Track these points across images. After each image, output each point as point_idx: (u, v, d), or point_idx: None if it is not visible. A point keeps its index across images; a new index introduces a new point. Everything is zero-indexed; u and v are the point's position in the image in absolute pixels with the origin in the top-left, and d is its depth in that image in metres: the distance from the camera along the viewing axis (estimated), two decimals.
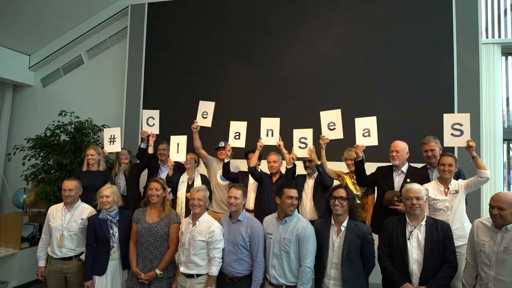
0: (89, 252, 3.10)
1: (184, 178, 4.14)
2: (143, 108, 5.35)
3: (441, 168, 3.12)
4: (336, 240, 2.72)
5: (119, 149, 4.28)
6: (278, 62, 5.05)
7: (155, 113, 4.31)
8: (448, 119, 3.32)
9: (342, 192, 2.74)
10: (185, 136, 4.05)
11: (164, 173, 4.23)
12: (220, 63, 5.27)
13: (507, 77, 4.90)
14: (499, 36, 4.87)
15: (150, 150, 4.24)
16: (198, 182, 4.07)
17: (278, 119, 3.82)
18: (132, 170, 4.34)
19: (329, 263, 2.71)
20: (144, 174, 4.47)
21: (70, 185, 3.28)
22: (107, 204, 3.12)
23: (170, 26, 5.51)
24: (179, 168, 4.34)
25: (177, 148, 4.04)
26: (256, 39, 5.16)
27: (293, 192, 2.84)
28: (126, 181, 4.27)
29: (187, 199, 3.78)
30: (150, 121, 4.29)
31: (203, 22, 5.40)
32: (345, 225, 2.72)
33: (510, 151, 4.84)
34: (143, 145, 4.30)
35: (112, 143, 4.23)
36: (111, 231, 3.12)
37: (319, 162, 3.60)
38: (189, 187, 4.03)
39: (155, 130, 4.28)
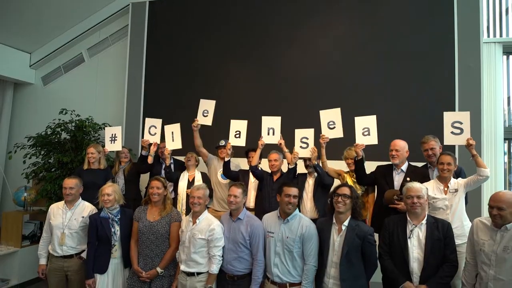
0: (91, 250, 3.11)
1: (184, 175, 4.15)
2: (144, 109, 5.39)
3: (440, 167, 3.12)
4: (336, 239, 2.72)
5: (119, 148, 4.27)
6: (278, 62, 5.04)
7: (158, 122, 4.22)
8: (448, 117, 3.31)
9: (346, 190, 2.74)
10: (178, 124, 4.06)
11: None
12: (220, 61, 5.27)
13: (508, 76, 4.89)
14: (501, 35, 4.86)
15: (150, 160, 4.17)
16: (198, 179, 4.09)
17: (279, 117, 3.82)
18: (132, 170, 4.33)
19: (329, 262, 2.71)
20: (145, 174, 4.46)
21: (71, 183, 3.28)
22: (108, 202, 3.13)
23: (171, 25, 5.51)
24: (179, 167, 4.35)
25: (172, 137, 4.04)
26: (257, 38, 5.16)
27: (292, 191, 2.84)
28: (125, 180, 4.27)
29: (187, 196, 3.79)
30: (152, 130, 4.22)
31: (204, 21, 5.40)
32: (346, 224, 2.71)
33: (511, 151, 4.84)
34: (144, 153, 4.27)
35: (113, 141, 4.23)
36: (113, 230, 3.13)
37: (315, 163, 3.60)
38: (190, 183, 4.05)
39: (157, 139, 4.21)
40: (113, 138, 4.23)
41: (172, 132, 4.06)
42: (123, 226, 3.17)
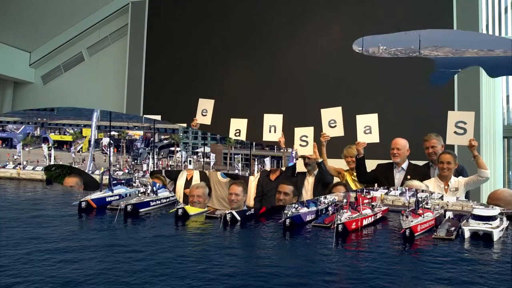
0: None
1: (183, 174, 4.14)
2: (143, 108, 5.38)
3: (440, 166, 3.12)
4: None
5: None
6: (278, 61, 5.04)
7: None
8: (452, 116, 3.27)
9: (340, 190, 2.74)
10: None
11: None
12: (220, 61, 5.26)
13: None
14: (500, 34, 4.86)
15: None
16: (196, 178, 4.08)
17: (281, 115, 3.82)
18: None
19: None
20: None
21: (71, 182, 3.29)
22: None
23: (171, 24, 5.51)
24: None
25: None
26: (256, 38, 5.15)
27: (282, 187, 2.86)
28: None
29: (185, 195, 3.79)
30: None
31: (203, 20, 5.39)
32: None
33: (510, 149, 4.85)
34: None
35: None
36: None
37: (320, 160, 3.61)
38: (188, 182, 4.04)
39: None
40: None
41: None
42: None
